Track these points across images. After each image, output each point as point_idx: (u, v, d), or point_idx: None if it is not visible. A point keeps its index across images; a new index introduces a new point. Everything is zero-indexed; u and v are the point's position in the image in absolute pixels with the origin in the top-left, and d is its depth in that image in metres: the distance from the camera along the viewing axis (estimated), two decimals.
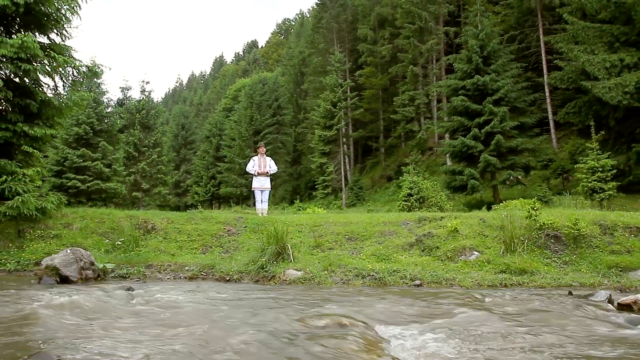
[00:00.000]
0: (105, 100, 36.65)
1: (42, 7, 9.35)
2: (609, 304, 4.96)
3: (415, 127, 43.48)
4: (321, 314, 4.03)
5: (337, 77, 45.10)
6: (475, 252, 7.52)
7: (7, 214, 8.26)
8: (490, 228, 8.19)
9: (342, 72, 47.07)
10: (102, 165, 31.94)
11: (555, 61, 26.65)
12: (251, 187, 13.88)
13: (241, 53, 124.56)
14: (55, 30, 9.81)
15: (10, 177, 8.48)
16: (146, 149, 41.72)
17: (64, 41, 9.82)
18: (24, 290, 5.57)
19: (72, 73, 9.79)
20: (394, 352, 3.05)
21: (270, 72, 78.56)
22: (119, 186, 33.81)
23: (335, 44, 52.77)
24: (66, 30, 9.80)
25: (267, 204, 13.48)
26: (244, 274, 7.14)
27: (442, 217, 8.81)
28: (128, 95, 45.06)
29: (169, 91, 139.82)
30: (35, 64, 8.73)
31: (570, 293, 5.57)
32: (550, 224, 7.75)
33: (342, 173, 45.82)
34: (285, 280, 6.81)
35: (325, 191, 44.79)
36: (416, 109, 41.81)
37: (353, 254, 7.96)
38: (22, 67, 8.47)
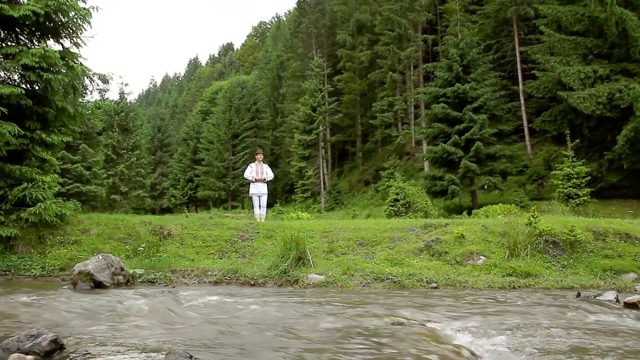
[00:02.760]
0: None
1: (59, 16, 9.57)
2: (617, 303, 5.53)
3: (394, 132, 44.31)
4: (376, 314, 4.47)
5: (317, 82, 45.62)
6: (482, 257, 8.07)
7: (29, 220, 8.45)
8: (492, 234, 8.76)
9: (321, 77, 47.60)
10: (82, 167, 31.77)
11: (533, 71, 27.67)
12: (249, 193, 14.30)
13: (216, 55, 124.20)
14: (69, 39, 10.02)
15: (30, 184, 8.67)
16: (125, 151, 41.50)
17: (77, 49, 10.04)
18: (73, 295, 5.84)
19: (85, 81, 10.01)
20: (461, 343, 3.51)
21: (247, 75, 78.66)
22: (98, 189, 33.67)
23: (314, 48, 53.31)
24: (80, 39, 10.01)
25: (264, 209, 13.89)
26: (267, 278, 7.52)
27: (446, 223, 9.36)
28: (105, 97, 44.67)
29: (142, 92, 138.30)
30: (55, 74, 8.92)
31: (578, 294, 6.12)
32: (549, 230, 8.36)
33: (321, 177, 46.32)
34: (310, 284, 7.21)
35: (305, 195, 45.25)
36: (395, 114, 42.61)
37: (367, 258, 8.42)
38: (44, 77, 8.68)
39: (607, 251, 8.24)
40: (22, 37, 10.33)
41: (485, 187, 26.90)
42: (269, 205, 45.78)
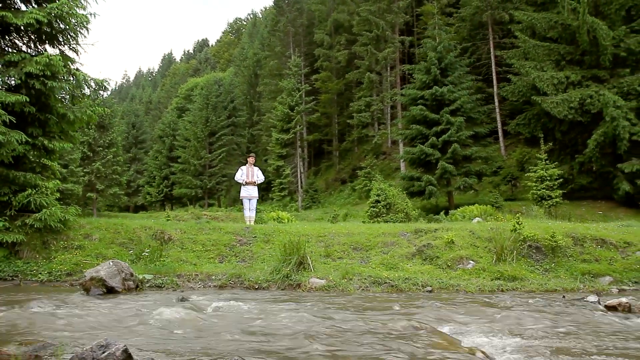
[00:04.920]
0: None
1: (59, 23, 9.73)
2: (599, 306, 6.09)
3: (371, 132, 44.92)
4: (391, 318, 4.90)
5: (295, 81, 45.90)
6: (471, 261, 8.60)
7: (34, 226, 8.63)
8: (479, 239, 9.30)
9: (299, 77, 47.90)
10: (59, 165, 31.38)
11: (508, 76, 28.51)
12: (239, 196, 14.59)
13: (191, 51, 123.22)
14: (67, 45, 10.17)
15: (34, 191, 8.85)
16: (101, 149, 41.13)
17: (77, 55, 10.23)
18: (92, 302, 6.12)
19: (83, 87, 10.18)
20: (473, 345, 3.96)
21: (223, 72, 78.41)
22: (75, 187, 33.43)
23: (292, 47, 53.53)
24: (80, 45, 10.18)
25: (254, 212, 14.19)
26: (270, 282, 7.88)
27: (435, 229, 9.87)
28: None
29: (115, 87, 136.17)
30: (59, 82, 9.09)
31: (563, 297, 6.67)
32: (532, 236, 8.94)
33: (298, 176, 46.68)
34: (312, 288, 7.61)
35: (282, 194, 45.55)
36: (372, 114, 43.20)
37: (362, 262, 8.87)
38: (48, 85, 8.85)
39: (585, 256, 8.86)
40: (17, 43, 10.45)
41: (461, 187, 27.64)
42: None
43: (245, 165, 14.21)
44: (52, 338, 4.04)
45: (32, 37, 10.04)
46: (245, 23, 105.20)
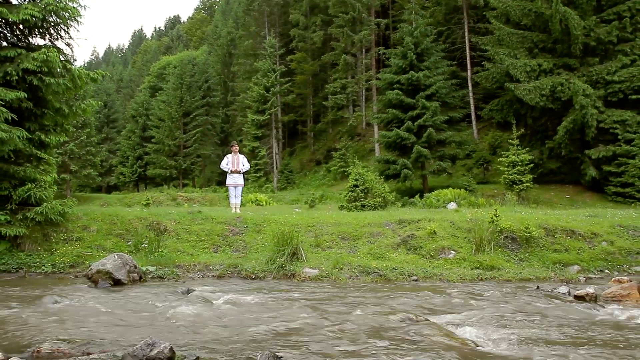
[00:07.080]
0: None
1: (52, 17, 9.84)
2: (569, 296, 6.77)
3: (346, 114, 45.37)
4: (389, 310, 5.46)
5: (270, 62, 45.87)
6: (452, 251, 9.24)
7: (35, 219, 8.89)
8: (460, 230, 9.93)
9: (274, 57, 47.85)
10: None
11: (482, 62, 29.21)
12: (225, 184, 15.01)
13: (163, 28, 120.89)
14: (60, 39, 10.30)
15: (34, 184, 9.09)
16: (74, 129, 40.56)
17: (70, 48, 10.37)
18: (104, 295, 6.52)
19: (77, 81, 10.33)
20: (464, 336, 4.53)
21: (195, 50, 77.45)
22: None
23: (267, 27, 53.26)
24: (72, 39, 10.33)
25: (240, 199, 14.65)
26: (266, 272, 8.36)
27: (418, 219, 10.47)
28: None
29: (84, 64, 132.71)
30: (56, 78, 9.26)
31: (537, 287, 7.34)
32: (508, 227, 9.61)
33: (274, 157, 46.98)
34: (306, 278, 8.13)
35: (258, 175, 45.79)
36: (347, 96, 43.59)
37: (350, 252, 9.41)
38: (45, 81, 9.03)
39: (556, 246, 9.58)
40: (6, 35, 10.50)
41: (435, 171, 28.42)
42: (217, 182, 45.42)
43: (230, 154, 14.61)
44: (90, 334, 4.46)
45: (24, 30, 10.12)
46: (218, 0, 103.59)
